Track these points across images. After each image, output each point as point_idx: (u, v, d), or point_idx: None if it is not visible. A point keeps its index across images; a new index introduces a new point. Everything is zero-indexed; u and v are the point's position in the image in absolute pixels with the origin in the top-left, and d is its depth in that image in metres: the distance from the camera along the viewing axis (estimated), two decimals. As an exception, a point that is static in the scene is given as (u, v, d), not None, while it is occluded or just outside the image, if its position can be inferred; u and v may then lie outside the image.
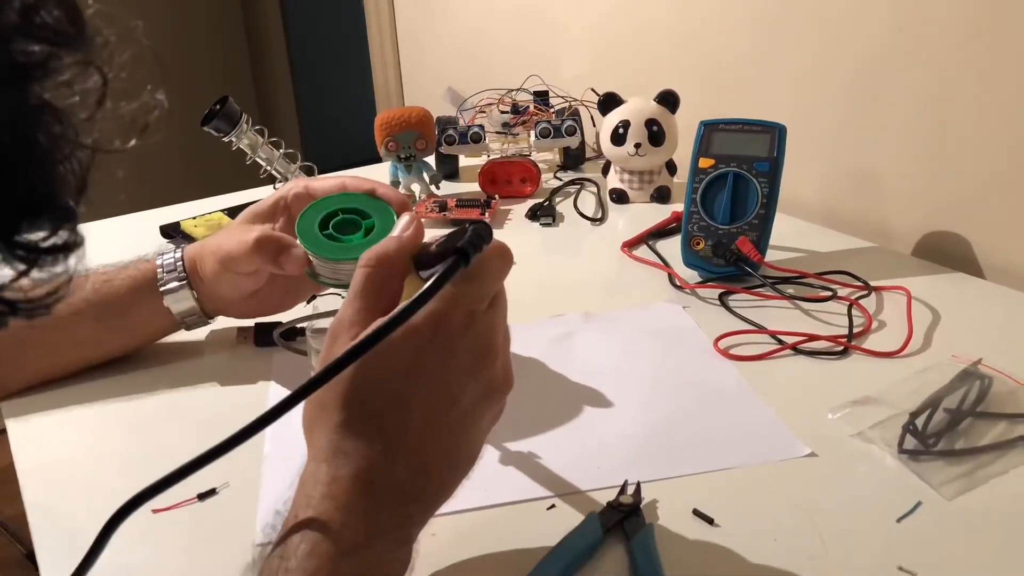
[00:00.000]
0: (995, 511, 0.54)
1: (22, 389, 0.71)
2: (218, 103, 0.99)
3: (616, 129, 1.08)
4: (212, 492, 0.58)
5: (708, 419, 0.65)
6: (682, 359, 0.73)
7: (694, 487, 0.57)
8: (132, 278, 0.71)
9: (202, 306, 0.72)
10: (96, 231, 0.96)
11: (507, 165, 1.14)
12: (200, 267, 0.71)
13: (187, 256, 0.71)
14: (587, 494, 0.56)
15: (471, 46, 1.75)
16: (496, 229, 1.04)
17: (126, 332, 0.73)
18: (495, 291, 0.46)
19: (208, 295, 0.72)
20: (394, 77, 2.07)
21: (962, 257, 0.91)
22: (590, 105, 1.20)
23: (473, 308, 0.44)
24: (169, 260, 0.71)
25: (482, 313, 0.44)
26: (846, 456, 0.59)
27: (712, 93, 1.18)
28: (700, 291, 0.84)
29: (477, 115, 1.24)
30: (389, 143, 1.10)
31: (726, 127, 0.86)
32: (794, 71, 1.06)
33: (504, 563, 0.50)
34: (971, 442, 0.60)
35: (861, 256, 0.91)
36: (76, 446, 0.65)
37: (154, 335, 0.75)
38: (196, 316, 0.73)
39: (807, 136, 1.02)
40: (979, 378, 0.65)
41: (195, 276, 0.71)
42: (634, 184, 1.11)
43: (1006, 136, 0.85)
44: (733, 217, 0.84)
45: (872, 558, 0.50)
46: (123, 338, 0.73)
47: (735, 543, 0.52)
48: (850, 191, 1.03)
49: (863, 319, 0.77)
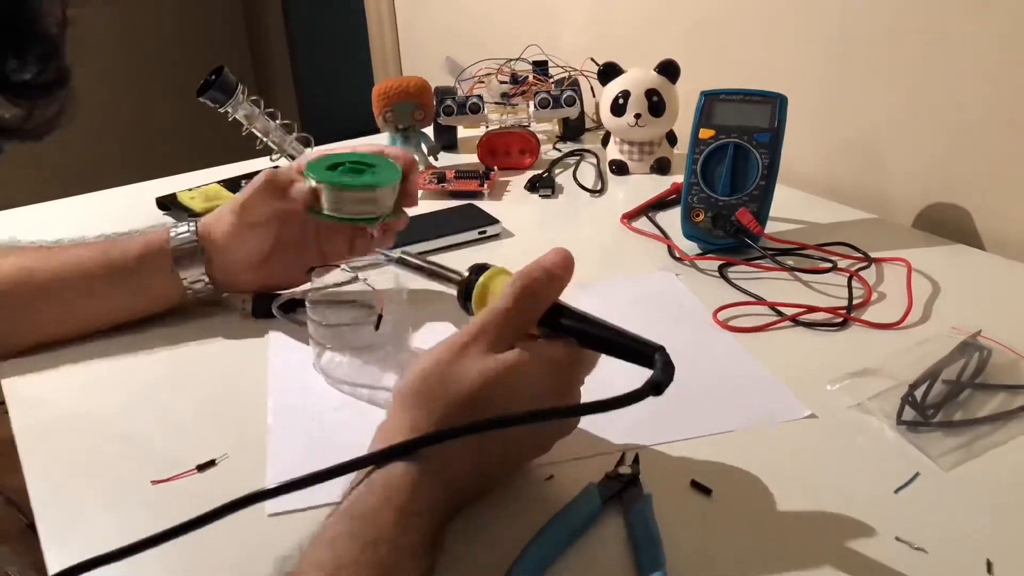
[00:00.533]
0: (993, 482, 0.54)
1: (31, 346, 0.72)
2: (214, 73, 0.98)
3: (616, 99, 1.07)
4: (211, 463, 0.58)
5: (708, 383, 0.65)
6: (678, 325, 0.73)
7: (692, 457, 0.57)
8: (144, 243, 0.72)
9: (211, 275, 0.73)
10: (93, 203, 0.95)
11: (506, 136, 1.13)
12: (213, 231, 0.72)
13: (201, 224, 0.73)
14: (585, 464, 0.56)
15: (470, 15, 1.74)
16: (495, 201, 1.03)
17: (133, 293, 0.73)
18: None
19: (219, 264, 0.72)
20: (392, 46, 2.05)
21: (962, 228, 0.90)
22: (590, 75, 1.19)
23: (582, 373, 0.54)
24: (183, 229, 0.73)
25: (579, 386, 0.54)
26: (845, 427, 0.59)
27: (713, 63, 1.17)
28: (699, 263, 0.84)
29: (476, 85, 1.23)
30: (387, 113, 1.09)
31: (727, 97, 0.85)
32: (795, 41, 1.05)
33: (503, 534, 0.50)
34: (970, 413, 0.60)
35: (861, 227, 0.91)
36: (75, 415, 0.65)
37: (162, 301, 0.75)
38: (203, 284, 0.73)
39: (808, 107, 1.01)
40: (978, 349, 0.65)
41: (207, 241, 0.72)
42: (634, 155, 1.10)
43: (1007, 108, 0.84)
44: (733, 188, 0.84)
45: (870, 529, 0.50)
46: (131, 300, 0.74)
47: (733, 513, 0.52)
48: (850, 162, 1.03)
49: (863, 290, 0.77)
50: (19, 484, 0.57)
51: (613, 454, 0.56)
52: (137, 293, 0.73)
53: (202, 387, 0.68)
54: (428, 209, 0.98)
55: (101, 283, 0.71)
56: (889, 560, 0.48)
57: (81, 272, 0.71)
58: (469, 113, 1.15)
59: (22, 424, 0.64)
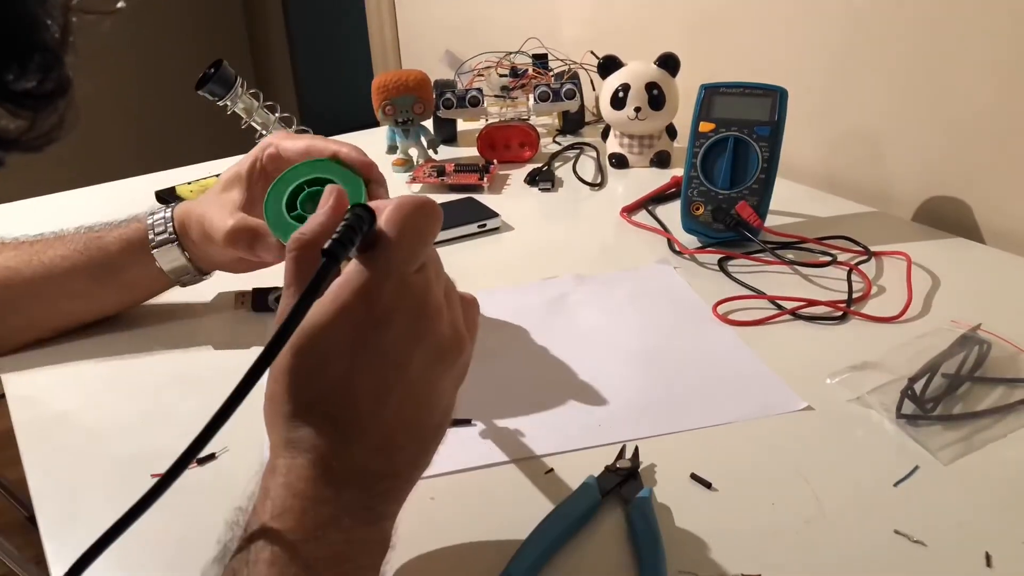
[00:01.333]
0: (992, 475, 0.54)
1: (16, 346, 0.72)
2: (212, 67, 0.98)
3: (616, 93, 1.07)
4: (211, 457, 0.58)
5: (705, 376, 0.65)
6: (675, 317, 0.74)
7: (692, 450, 0.57)
8: (124, 238, 0.71)
9: (195, 263, 0.72)
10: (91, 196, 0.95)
11: (506, 129, 1.13)
12: (188, 229, 0.71)
13: (176, 216, 0.72)
14: (585, 457, 0.56)
15: (469, 8, 1.73)
16: (494, 194, 1.03)
17: (120, 289, 0.73)
18: (424, 251, 0.43)
19: (199, 255, 0.72)
20: (391, 39, 2.04)
21: (962, 222, 0.90)
22: (590, 68, 1.18)
23: (403, 273, 0.42)
24: (159, 220, 0.71)
25: (413, 276, 0.43)
26: (844, 421, 0.59)
27: (713, 56, 1.17)
28: (699, 256, 0.84)
29: (475, 78, 1.22)
30: (386, 107, 1.09)
31: (727, 91, 0.85)
32: (796, 34, 1.05)
33: (502, 527, 0.50)
34: (969, 407, 0.60)
35: (861, 221, 0.91)
36: (75, 408, 0.65)
37: (149, 292, 0.75)
38: (190, 274, 0.73)
39: (808, 100, 1.01)
40: (978, 343, 0.65)
41: (185, 236, 0.71)
42: (634, 148, 1.10)
43: (1007, 101, 0.84)
44: (733, 182, 0.84)
45: (869, 522, 0.50)
46: (117, 295, 0.74)
47: (732, 507, 0.52)
48: (850, 156, 1.03)
49: (863, 284, 0.77)
50: (19, 477, 0.57)
51: (612, 447, 0.56)
52: (122, 287, 0.73)
53: (202, 381, 0.68)
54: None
55: (85, 282, 0.71)
56: (888, 553, 0.48)
57: (65, 273, 0.70)
58: (469, 106, 1.15)
59: (22, 417, 0.64)
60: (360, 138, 1.28)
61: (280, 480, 0.41)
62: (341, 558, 0.40)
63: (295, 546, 0.39)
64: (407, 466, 0.44)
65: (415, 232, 0.43)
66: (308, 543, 0.39)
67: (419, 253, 0.43)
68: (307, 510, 0.40)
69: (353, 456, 0.42)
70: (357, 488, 0.42)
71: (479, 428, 0.60)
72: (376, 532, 0.43)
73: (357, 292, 0.41)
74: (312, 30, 3.36)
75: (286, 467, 0.42)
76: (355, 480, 0.42)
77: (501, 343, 0.70)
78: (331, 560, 0.40)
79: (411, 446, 0.44)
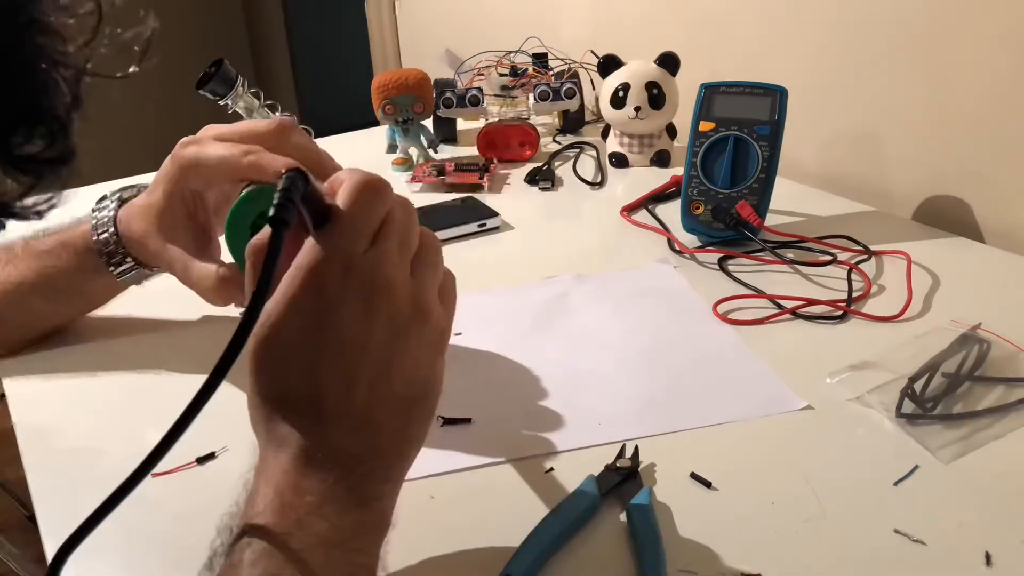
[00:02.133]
0: (992, 475, 0.54)
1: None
2: (213, 66, 0.98)
3: (616, 92, 1.07)
4: (211, 456, 0.58)
5: (705, 375, 0.65)
6: (675, 316, 0.74)
7: (692, 450, 0.57)
8: (72, 252, 0.68)
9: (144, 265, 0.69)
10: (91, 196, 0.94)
11: (506, 129, 1.13)
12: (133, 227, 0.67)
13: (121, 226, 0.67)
14: (585, 456, 0.56)
15: (469, 7, 1.73)
16: (494, 194, 1.03)
17: (81, 301, 0.73)
18: (371, 228, 0.43)
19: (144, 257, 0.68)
20: (391, 38, 2.04)
21: (962, 221, 0.90)
22: (590, 67, 1.18)
23: (349, 254, 0.42)
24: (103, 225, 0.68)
25: (362, 255, 0.42)
26: (844, 420, 0.59)
27: (713, 55, 1.17)
28: (699, 255, 0.84)
29: (475, 78, 1.22)
30: (386, 106, 1.09)
31: (727, 90, 0.85)
32: (796, 34, 1.05)
33: (501, 526, 0.50)
34: (969, 406, 0.60)
35: (861, 220, 0.91)
36: (75, 407, 0.65)
37: (114, 294, 0.73)
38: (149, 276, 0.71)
39: (808, 100, 1.01)
40: (978, 342, 0.65)
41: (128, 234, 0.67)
42: (634, 148, 1.10)
43: (1007, 100, 0.84)
44: (733, 181, 0.84)
45: (869, 521, 0.50)
46: (81, 306, 0.74)
47: (732, 506, 0.52)
48: (851, 155, 1.03)
49: (863, 283, 0.77)
50: (19, 476, 0.57)
51: (612, 446, 0.56)
52: (78, 298, 0.72)
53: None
54: (427, 202, 0.98)
55: (39, 301, 0.69)
56: (888, 552, 0.48)
57: (21, 294, 0.68)
58: (469, 106, 1.15)
59: (22, 416, 0.64)
60: (360, 138, 1.28)
61: (262, 478, 0.42)
62: (329, 544, 0.40)
63: (278, 541, 0.39)
64: (392, 443, 0.44)
65: (361, 210, 0.43)
66: (291, 535, 0.40)
67: (365, 231, 0.43)
68: (287, 503, 0.41)
69: (331, 442, 0.42)
70: (339, 473, 0.42)
71: (479, 428, 0.60)
72: (367, 514, 0.42)
73: (304, 282, 0.42)
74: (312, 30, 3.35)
75: (268, 464, 0.42)
76: (335, 466, 0.42)
77: (501, 343, 0.70)
78: (317, 548, 0.40)
79: (392, 421, 0.44)
